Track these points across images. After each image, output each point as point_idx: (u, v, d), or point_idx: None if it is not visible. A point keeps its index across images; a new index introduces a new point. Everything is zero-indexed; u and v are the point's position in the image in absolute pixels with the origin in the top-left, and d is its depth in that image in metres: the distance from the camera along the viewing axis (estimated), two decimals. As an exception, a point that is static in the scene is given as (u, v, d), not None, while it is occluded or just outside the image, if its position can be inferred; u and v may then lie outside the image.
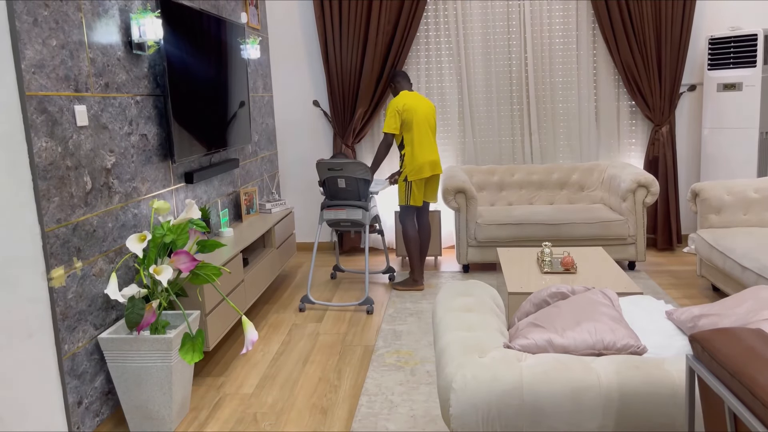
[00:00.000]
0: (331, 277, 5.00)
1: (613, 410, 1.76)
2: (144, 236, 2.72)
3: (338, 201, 4.35)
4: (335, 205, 4.34)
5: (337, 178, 4.25)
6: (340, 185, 4.28)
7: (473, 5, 5.38)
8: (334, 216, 4.37)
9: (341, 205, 4.34)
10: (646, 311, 2.48)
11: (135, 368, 2.69)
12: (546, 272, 3.54)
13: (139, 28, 3.12)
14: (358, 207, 4.31)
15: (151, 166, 3.33)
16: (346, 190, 4.30)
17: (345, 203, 4.33)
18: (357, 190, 4.29)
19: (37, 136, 2.41)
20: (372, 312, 4.19)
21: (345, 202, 4.33)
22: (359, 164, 4.18)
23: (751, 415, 1.24)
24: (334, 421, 2.84)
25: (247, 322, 2.64)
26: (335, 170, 4.23)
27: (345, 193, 4.32)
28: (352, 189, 4.29)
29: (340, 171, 4.22)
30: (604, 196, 5.21)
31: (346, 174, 4.23)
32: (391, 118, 4.43)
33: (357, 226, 4.43)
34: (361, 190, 4.29)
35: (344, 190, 4.30)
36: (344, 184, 4.27)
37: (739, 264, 3.62)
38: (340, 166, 4.20)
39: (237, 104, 4.42)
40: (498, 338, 2.06)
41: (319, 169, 4.27)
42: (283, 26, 5.59)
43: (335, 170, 4.23)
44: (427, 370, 3.28)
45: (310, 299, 4.29)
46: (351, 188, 4.29)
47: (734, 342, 1.39)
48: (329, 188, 4.33)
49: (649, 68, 5.19)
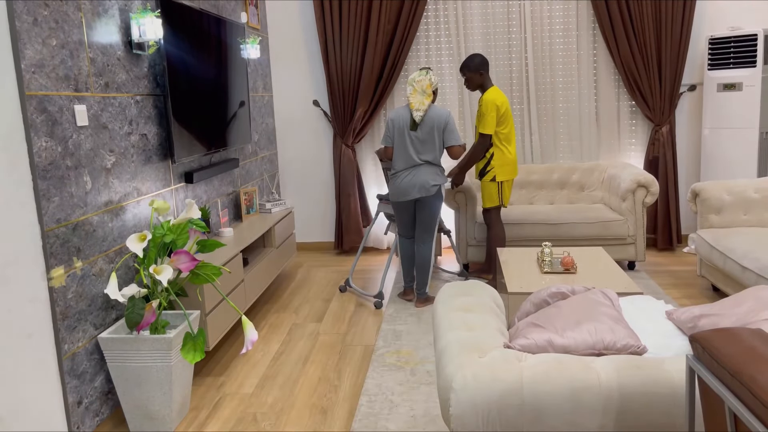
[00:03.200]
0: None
1: (613, 410, 1.76)
2: (144, 236, 2.72)
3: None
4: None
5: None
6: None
7: (473, 5, 5.38)
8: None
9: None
10: (646, 311, 2.48)
11: (135, 368, 2.69)
12: (546, 272, 3.54)
13: (139, 27, 3.12)
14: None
15: (151, 165, 3.32)
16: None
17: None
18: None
19: (37, 135, 2.40)
20: (380, 307, 4.22)
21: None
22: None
23: (751, 415, 1.24)
24: (334, 421, 2.84)
25: (247, 322, 2.64)
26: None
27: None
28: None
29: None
30: (604, 196, 5.21)
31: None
32: (491, 117, 4.17)
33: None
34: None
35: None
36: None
37: (739, 264, 3.62)
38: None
39: (237, 104, 4.42)
40: (498, 338, 2.06)
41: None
42: (283, 26, 5.59)
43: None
44: (427, 370, 3.28)
45: (382, 298, 4.29)
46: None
47: (734, 342, 1.39)
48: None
49: (649, 68, 5.19)
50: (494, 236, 4.51)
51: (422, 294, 4.23)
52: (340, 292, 4.65)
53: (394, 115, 4.07)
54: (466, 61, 4.31)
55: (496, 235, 4.50)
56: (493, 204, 4.43)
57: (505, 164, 4.33)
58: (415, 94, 3.94)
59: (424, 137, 3.98)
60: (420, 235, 4.14)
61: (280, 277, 5.09)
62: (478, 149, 4.27)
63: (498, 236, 4.50)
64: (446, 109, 4.03)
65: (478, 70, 4.28)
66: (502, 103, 4.21)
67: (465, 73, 4.33)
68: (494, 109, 4.18)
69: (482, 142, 4.25)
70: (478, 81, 4.31)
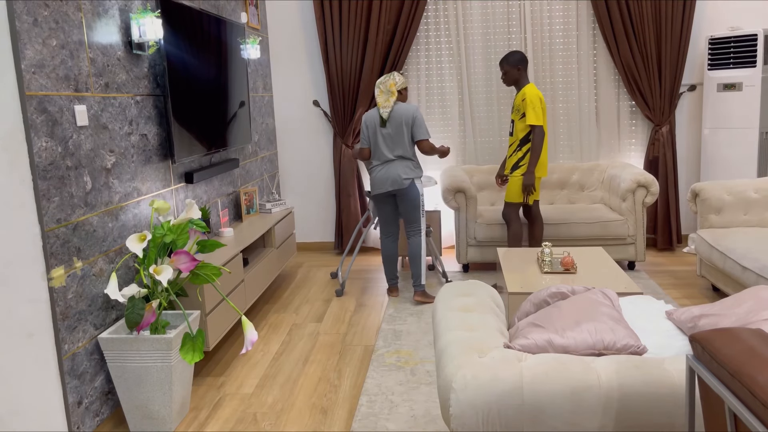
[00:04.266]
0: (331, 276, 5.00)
1: (613, 410, 1.76)
2: (144, 236, 2.72)
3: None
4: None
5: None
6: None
7: (473, 5, 5.38)
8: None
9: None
10: (646, 311, 2.48)
11: (135, 368, 2.69)
12: (546, 272, 3.54)
13: (139, 28, 3.12)
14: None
15: (151, 166, 3.33)
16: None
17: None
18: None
19: (37, 136, 2.41)
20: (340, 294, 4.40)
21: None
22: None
23: (751, 415, 1.24)
24: (334, 421, 2.84)
25: (247, 322, 2.64)
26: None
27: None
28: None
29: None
30: (604, 196, 5.21)
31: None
32: (539, 109, 4.23)
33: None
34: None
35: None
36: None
37: (739, 264, 3.62)
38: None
39: (237, 104, 4.42)
40: (498, 338, 2.07)
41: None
42: (283, 26, 5.59)
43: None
44: (427, 370, 3.28)
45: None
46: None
47: (734, 342, 1.39)
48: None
49: (649, 68, 5.19)
50: (512, 234, 4.52)
51: (419, 286, 4.28)
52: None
53: (366, 116, 4.24)
54: (506, 55, 4.37)
55: (515, 233, 4.50)
56: (516, 200, 4.44)
57: (542, 161, 4.36)
58: (381, 94, 4.14)
59: (394, 133, 4.13)
60: (407, 228, 4.28)
61: (280, 277, 5.09)
62: (537, 142, 4.28)
63: (516, 234, 4.50)
64: (414, 105, 4.16)
65: (516, 66, 4.34)
66: (542, 97, 4.29)
67: (503, 66, 4.39)
68: (538, 100, 4.24)
69: (537, 134, 4.28)
70: (514, 76, 4.37)
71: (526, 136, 4.35)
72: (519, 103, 4.37)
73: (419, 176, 4.19)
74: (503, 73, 4.41)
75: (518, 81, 4.39)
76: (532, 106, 4.25)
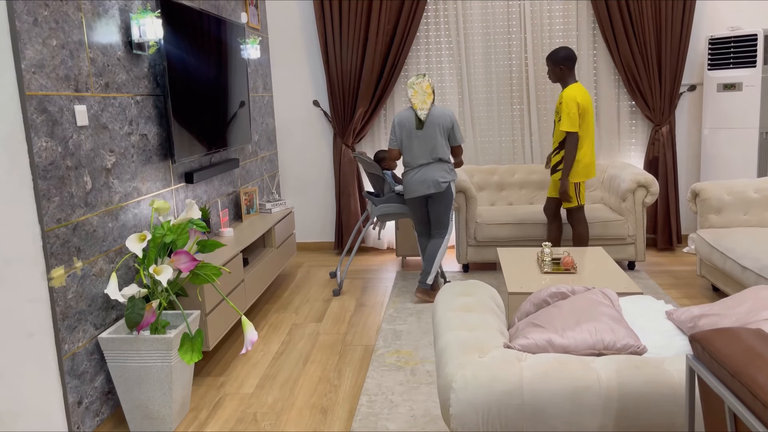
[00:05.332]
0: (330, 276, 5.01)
1: (613, 410, 1.76)
2: (144, 236, 2.72)
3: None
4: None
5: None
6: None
7: (473, 5, 5.38)
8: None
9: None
10: (646, 311, 2.48)
11: (135, 368, 2.69)
12: (546, 272, 3.54)
13: (139, 28, 3.12)
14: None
15: (151, 165, 3.33)
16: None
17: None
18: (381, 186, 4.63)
19: (37, 136, 2.41)
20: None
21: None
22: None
23: (751, 415, 1.24)
24: (334, 421, 2.84)
25: (247, 322, 2.64)
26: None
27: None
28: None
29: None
30: (604, 196, 5.21)
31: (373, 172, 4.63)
32: (574, 114, 4.11)
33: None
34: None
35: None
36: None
37: (739, 264, 3.62)
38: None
39: (237, 104, 4.42)
40: (498, 338, 2.07)
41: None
42: (283, 26, 5.59)
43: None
44: (427, 370, 3.28)
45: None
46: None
47: (734, 342, 1.39)
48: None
49: (649, 68, 5.19)
50: (577, 236, 4.45)
51: (424, 284, 4.29)
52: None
53: (399, 118, 4.16)
54: (552, 51, 4.27)
55: (580, 235, 4.44)
56: (572, 205, 4.38)
57: (583, 165, 4.26)
58: (417, 95, 4.05)
59: (430, 135, 4.09)
60: (433, 229, 4.30)
61: (280, 277, 5.09)
62: (570, 149, 4.18)
63: (581, 235, 4.43)
64: (449, 109, 4.14)
65: (559, 64, 4.23)
66: (582, 99, 4.15)
67: (547, 63, 4.31)
68: (574, 105, 4.12)
69: (571, 141, 4.17)
70: (557, 74, 4.27)
71: (563, 141, 4.26)
72: (557, 106, 4.27)
73: (455, 179, 4.20)
74: (548, 69, 4.33)
75: (562, 80, 4.27)
76: (566, 111, 4.14)
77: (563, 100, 4.16)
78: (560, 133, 4.25)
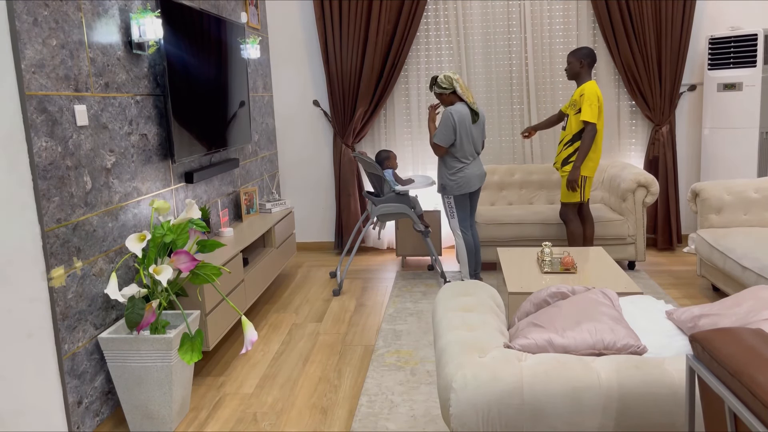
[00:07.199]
0: (330, 276, 5.01)
1: (613, 410, 1.76)
2: (144, 236, 2.72)
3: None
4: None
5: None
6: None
7: (473, 5, 5.38)
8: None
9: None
10: (646, 311, 2.48)
11: (135, 368, 2.69)
12: (546, 272, 3.54)
13: (139, 27, 3.12)
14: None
15: (151, 165, 3.33)
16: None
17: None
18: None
19: (37, 135, 2.41)
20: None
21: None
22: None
23: (751, 415, 1.24)
24: (334, 421, 2.84)
25: (247, 322, 2.64)
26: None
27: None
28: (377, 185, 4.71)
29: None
30: (604, 196, 5.21)
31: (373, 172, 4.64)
32: (596, 107, 4.18)
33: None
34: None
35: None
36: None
37: (739, 264, 3.62)
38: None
39: (237, 104, 4.42)
40: (498, 338, 2.06)
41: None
42: (283, 26, 5.59)
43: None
44: (427, 370, 3.28)
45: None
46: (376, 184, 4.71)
47: (734, 342, 1.39)
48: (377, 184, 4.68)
49: (649, 68, 5.19)
50: (570, 234, 4.49)
51: (477, 278, 4.45)
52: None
53: (459, 114, 4.14)
54: (575, 49, 4.35)
55: (573, 233, 4.47)
56: (572, 200, 4.41)
57: (589, 159, 4.34)
58: (466, 90, 4.16)
59: (480, 129, 4.26)
60: (472, 221, 4.46)
61: (280, 277, 5.09)
62: (587, 139, 4.24)
63: (574, 234, 4.46)
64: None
65: (580, 59, 4.29)
66: (600, 96, 4.27)
67: (568, 57, 4.38)
68: (596, 98, 4.19)
69: (589, 131, 4.23)
70: (576, 69, 4.33)
71: (580, 132, 4.31)
72: (576, 98, 4.31)
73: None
74: (567, 63, 4.41)
75: (579, 75, 4.34)
76: (589, 103, 4.20)
77: (585, 92, 4.23)
78: (578, 125, 4.30)
